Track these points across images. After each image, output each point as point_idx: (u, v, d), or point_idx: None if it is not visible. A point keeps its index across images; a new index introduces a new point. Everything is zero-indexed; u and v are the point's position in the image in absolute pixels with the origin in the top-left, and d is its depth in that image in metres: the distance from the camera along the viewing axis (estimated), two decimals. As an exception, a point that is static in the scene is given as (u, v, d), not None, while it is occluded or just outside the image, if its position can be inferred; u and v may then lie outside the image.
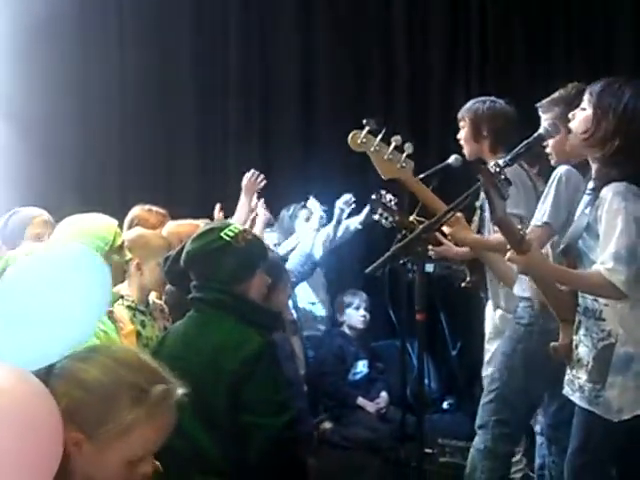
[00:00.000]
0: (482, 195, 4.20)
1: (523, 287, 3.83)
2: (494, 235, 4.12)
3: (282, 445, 2.97)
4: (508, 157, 3.09)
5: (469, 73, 7.34)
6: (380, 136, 3.88)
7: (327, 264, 6.40)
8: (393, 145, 3.88)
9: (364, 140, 3.86)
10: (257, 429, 2.97)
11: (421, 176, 4.28)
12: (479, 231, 4.31)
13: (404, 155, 3.90)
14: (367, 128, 3.86)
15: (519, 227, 2.90)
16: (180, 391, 2.03)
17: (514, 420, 3.84)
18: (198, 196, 6.97)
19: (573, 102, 3.44)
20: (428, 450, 5.13)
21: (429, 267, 5.76)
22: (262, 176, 5.27)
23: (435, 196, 4.03)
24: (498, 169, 2.87)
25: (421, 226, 3.34)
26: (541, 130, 3.23)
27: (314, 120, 7.38)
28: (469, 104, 4.43)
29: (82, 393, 1.93)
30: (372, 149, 3.87)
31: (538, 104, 3.87)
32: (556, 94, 3.80)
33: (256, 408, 2.98)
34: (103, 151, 7.09)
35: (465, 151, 4.42)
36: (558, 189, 3.58)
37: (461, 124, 4.40)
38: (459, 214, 3.98)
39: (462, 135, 4.40)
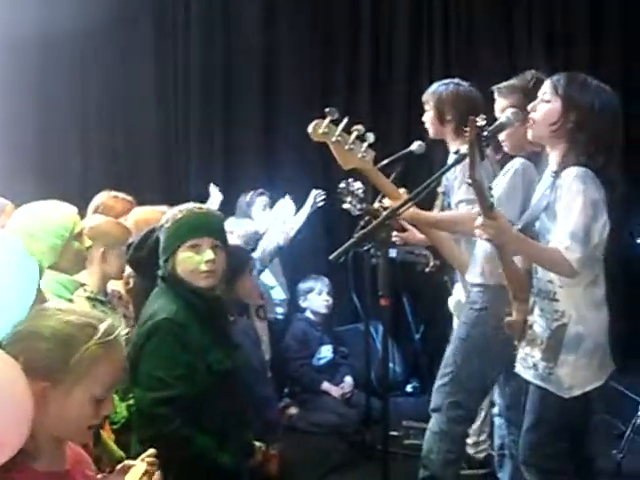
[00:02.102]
0: (444, 181, 4.26)
1: (476, 273, 3.89)
2: (445, 212, 4.17)
3: (153, 422, 3.00)
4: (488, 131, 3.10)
5: (432, 58, 7.39)
6: (342, 126, 3.88)
7: (290, 250, 6.41)
8: (354, 135, 3.88)
9: (326, 130, 3.85)
10: (135, 401, 3.11)
11: (384, 162, 4.29)
12: None
13: (365, 145, 3.91)
14: (329, 118, 3.86)
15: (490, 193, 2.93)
16: (120, 328, 2.17)
17: (468, 402, 3.90)
18: (160, 185, 6.98)
19: (531, 92, 3.50)
20: (393, 433, 5.16)
21: (392, 253, 5.80)
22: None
23: (394, 186, 4.05)
24: (484, 126, 2.91)
25: (384, 213, 3.37)
26: (503, 119, 3.26)
27: (276, 108, 7.40)
28: (434, 87, 4.44)
29: (39, 344, 2.04)
30: (333, 139, 3.86)
31: (495, 87, 3.92)
32: (514, 81, 3.85)
33: (139, 380, 3.06)
34: (65, 138, 7.06)
35: (430, 132, 4.44)
36: (514, 181, 3.65)
37: (426, 107, 4.43)
38: (402, 191, 4.02)
39: (426, 117, 4.44)
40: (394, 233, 4.28)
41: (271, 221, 5.91)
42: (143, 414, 3.06)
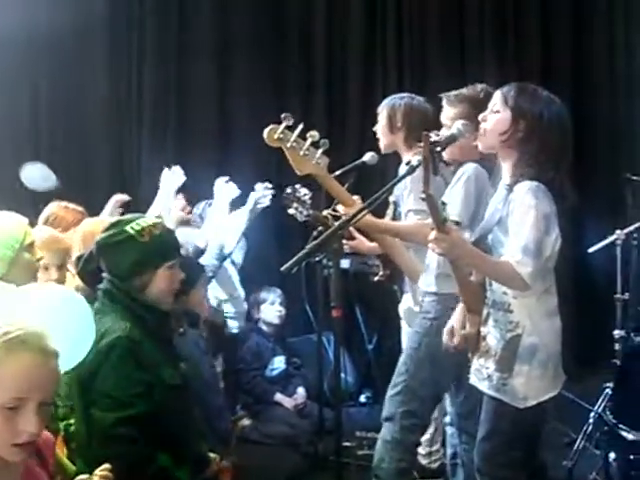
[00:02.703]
0: (395, 191, 4.28)
1: (428, 282, 3.92)
2: (398, 222, 4.19)
3: (114, 441, 2.95)
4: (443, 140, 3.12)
5: (385, 70, 7.44)
6: (297, 132, 3.89)
7: (242, 261, 6.40)
8: (309, 141, 3.90)
9: (281, 135, 3.87)
10: (94, 422, 3.01)
11: (337, 173, 4.31)
12: None
13: (320, 151, 3.93)
14: (284, 123, 3.87)
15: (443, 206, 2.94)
16: (44, 339, 2.12)
17: (421, 411, 3.92)
18: (112, 191, 6.91)
19: (479, 104, 3.57)
20: (346, 443, 5.18)
21: (345, 263, 5.82)
22: (181, 172, 5.23)
23: (347, 193, 4.07)
24: (437, 142, 2.93)
25: (336, 223, 3.37)
26: (454, 130, 3.28)
27: (231, 115, 7.37)
28: (392, 100, 4.53)
29: None
30: (288, 145, 3.88)
31: (444, 94, 3.96)
32: (464, 91, 3.90)
33: (96, 400, 3.02)
34: (15, 142, 6.97)
35: (381, 143, 4.49)
36: (467, 187, 3.68)
37: (379, 117, 4.48)
38: (356, 198, 4.04)
39: (378, 127, 4.47)
40: (343, 241, 4.29)
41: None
42: (104, 434, 2.99)
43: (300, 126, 3.90)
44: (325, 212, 4.23)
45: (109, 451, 2.92)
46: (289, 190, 4.39)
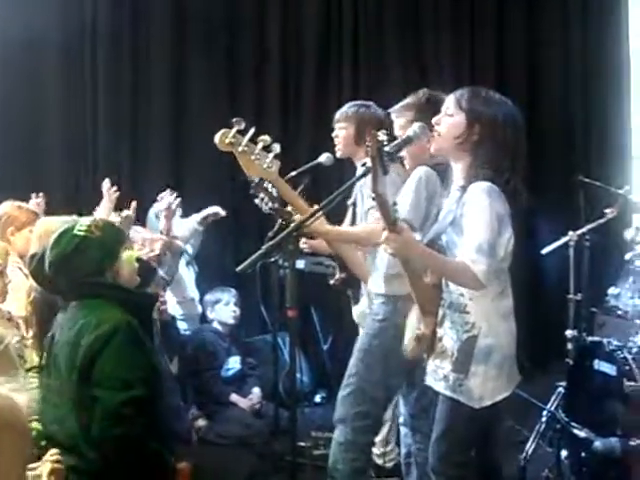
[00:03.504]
0: (354, 192, 4.30)
1: (377, 283, 3.95)
2: (351, 227, 4.21)
3: (119, 421, 2.99)
4: (390, 147, 3.13)
5: (341, 74, 7.46)
6: (248, 136, 3.89)
7: (197, 261, 6.39)
8: (260, 145, 3.90)
9: (232, 140, 3.87)
10: (98, 403, 3.03)
11: (293, 174, 4.33)
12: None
13: (271, 155, 3.94)
14: (236, 128, 3.87)
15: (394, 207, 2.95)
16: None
17: (373, 412, 3.94)
18: (65, 194, 6.87)
19: (423, 108, 3.70)
20: (301, 444, 5.19)
21: (300, 264, 5.82)
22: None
23: (299, 196, 4.08)
24: (385, 141, 2.94)
25: (292, 225, 3.38)
26: (410, 132, 3.30)
27: (185, 117, 7.34)
28: (352, 107, 4.52)
29: None
30: (240, 149, 3.88)
31: (391, 109, 4.02)
32: (407, 99, 3.97)
33: (101, 382, 3.04)
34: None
35: (340, 150, 4.49)
36: (418, 188, 3.71)
37: (342, 125, 4.47)
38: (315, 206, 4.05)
39: (342, 135, 4.48)
40: (303, 240, 4.30)
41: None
42: (110, 414, 3.01)
43: (251, 130, 3.91)
44: (289, 207, 4.22)
45: (115, 431, 2.98)
46: (257, 179, 4.37)
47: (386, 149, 2.95)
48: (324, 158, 4.49)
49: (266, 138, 3.91)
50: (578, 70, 7.74)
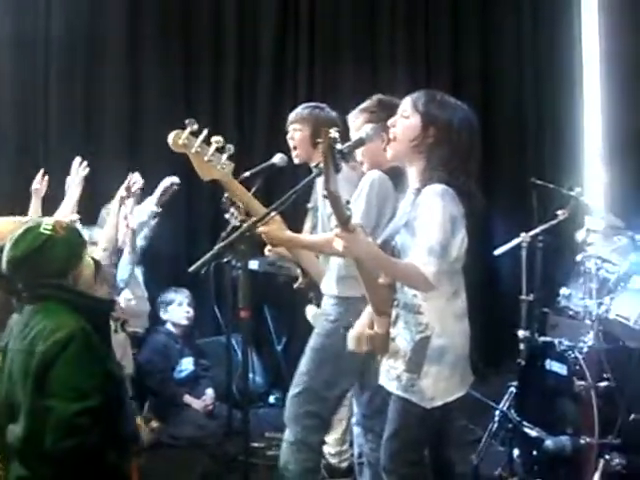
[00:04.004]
0: (315, 196, 4.29)
1: (330, 285, 3.97)
2: (311, 235, 4.21)
3: (74, 432, 2.93)
4: (343, 146, 3.13)
5: (297, 77, 7.48)
6: (201, 137, 3.87)
7: (150, 261, 6.34)
8: (214, 147, 3.88)
9: (185, 141, 3.84)
10: (51, 413, 2.96)
11: (247, 174, 4.31)
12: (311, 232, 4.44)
13: (224, 157, 3.92)
14: (189, 129, 3.84)
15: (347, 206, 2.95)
16: None
17: (323, 411, 3.96)
18: (16, 190, 6.78)
19: (378, 112, 3.75)
20: (255, 444, 5.18)
21: (254, 264, 5.81)
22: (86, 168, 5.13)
23: (253, 198, 4.06)
24: (338, 139, 2.94)
25: (244, 225, 3.37)
26: (362, 134, 3.31)
27: (140, 117, 7.29)
28: (307, 109, 4.51)
29: None
30: (193, 150, 3.85)
31: (348, 116, 4.03)
32: (362, 105, 3.99)
33: (56, 392, 2.97)
34: None
35: (296, 153, 4.48)
36: (369, 195, 3.72)
37: (297, 126, 4.45)
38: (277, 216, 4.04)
39: (297, 137, 4.46)
40: (268, 248, 4.28)
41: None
42: (64, 425, 2.94)
43: (205, 131, 3.89)
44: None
45: (68, 442, 2.92)
46: (227, 194, 4.34)
47: (338, 147, 2.95)
48: (278, 159, 4.48)
49: (219, 139, 3.89)
50: (531, 72, 7.83)
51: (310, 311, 4.40)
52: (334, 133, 2.93)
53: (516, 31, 7.86)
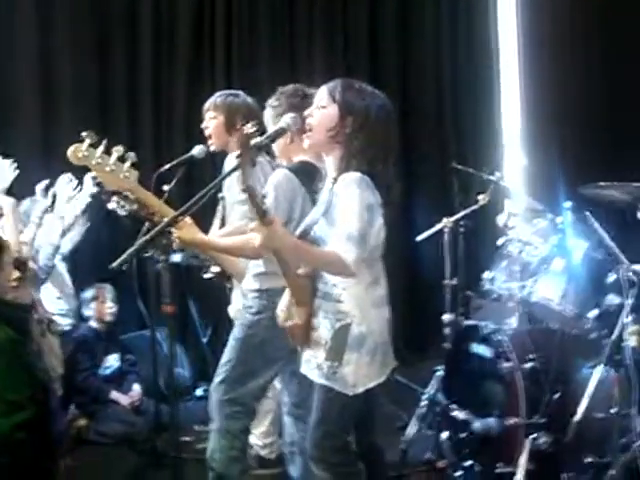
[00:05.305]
0: (225, 186, 4.28)
1: (250, 280, 3.99)
2: (227, 238, 4.19)
3: (14, 448, 2.88)
4: (262, 139, 3.12)
5: (214, 76, 7.45)
6: (101, 148, 3.80)
7: (71, 258, 6.26)
8: (115, 156, 3.81)
9: (85, 153, 3.76)
10: None
11: (166, 167, 4.28)
12: (223, 221, 4.50)
13: (127, 165, 3.86)
14: (87, 141, 3.77)
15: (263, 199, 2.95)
16: None
17: (244, 399, 3.99)
18: None
19: (294, 101, 3.85)
20: (185, 438, 5.15)
21: (177, 257, 5.76)
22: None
23: (162, 202, 4.00)
24: (256, 132, 2.93)
25: (163, 222, 3.33)
26: (283, 124, 3.29)
27: (53, 115, 7.18)
28: (221, 97, 4.56)
29: None
30: (94, 162, 3.78)
31: (266, 103, 4.07)
32: (279, 92, 4.03)
33: None
34: None
35: (212, 143, 4.49)
36: (277, 190, 3.73)
37: (211, 114, 4.48)
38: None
39: (212, 126, 4.49)
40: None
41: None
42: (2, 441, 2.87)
43: (104, 142, 3.82)
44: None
45: (5, 459, 2.84)
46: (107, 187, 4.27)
47: (257, 140, 2.95)
48: (197, 151, 4.43)
49: (119, 148, 3.82)
50: (449, 59, 7.89)
51: (232, 309, 4.41)
52: (252, 127, 2.92)
53: (434, 16, 7.92)
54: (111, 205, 4.17)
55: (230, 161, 4.39)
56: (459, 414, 4.57)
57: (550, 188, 6.08)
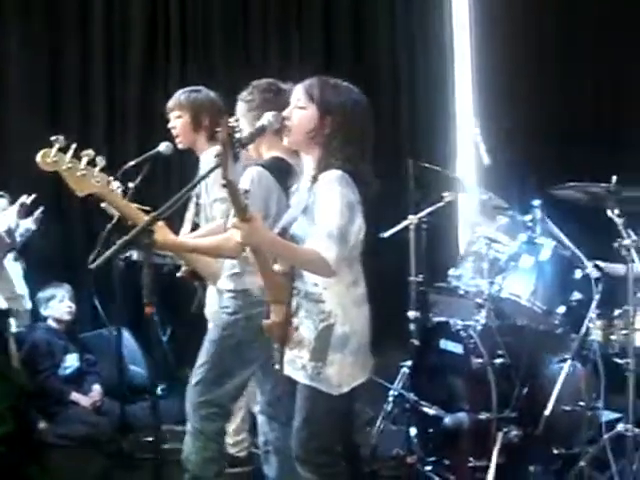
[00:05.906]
0: (201, 185, 4.25)
1: (225, 281, 3.97)
2: (203, 239, 4.16)
3: None
4: (246, 136, 3.11)
5: (168, 79, 7.40)
6: (71, 152, 3.76)
7: (27, 258, 6.18)
8: (85, 160, 3.77)
9: (55, 159, 3.71)
10: None
11: (132, 163, 4.26)
12: (194, 223, 4.48)
13: (97, 169, 3.82)
14: (57, 146, 3.72)
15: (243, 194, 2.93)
16: None
17: (221, 400, 3.98)
18: None
19: (267, 96, 3.83)
20: (148, 439, 5.10)
21: (135, 255, 5.72)
22: None
23: (133, 206, 3.95)
24: (237, 128, 2.92)
25: (145, 218, 3.30)
26: (264, 121, 3.27)
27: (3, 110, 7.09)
28: (184, 94, 4.55)
29: None
30: (64, 167, 3.74)
31: (238, 97, 4.02)
32: (251, 86, 3.98)
33: None
34: None
35: (179, 141, 4.49)
36: (252, 187, 3.71)
37: (176, 113, 4.47)
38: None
39: (179, 125, 4.49)
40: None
41: None
42: None
43: (73, 146, 3.78)
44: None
45: None
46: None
47: (237, 136, 2.94)
48: (163, 147, 4.41)
49: (90, 152, 3.78)
50: (404, 57, 7.92)
51: (208, 311, 4.40)
52: (233, 122, 2.91)
53: (389, 10, 7.95)
54: (103, 204, 4.13)
55: (207, 160, 4.37)
56: (429, 410, 4.61)
57: (510, 186, 6.15)
